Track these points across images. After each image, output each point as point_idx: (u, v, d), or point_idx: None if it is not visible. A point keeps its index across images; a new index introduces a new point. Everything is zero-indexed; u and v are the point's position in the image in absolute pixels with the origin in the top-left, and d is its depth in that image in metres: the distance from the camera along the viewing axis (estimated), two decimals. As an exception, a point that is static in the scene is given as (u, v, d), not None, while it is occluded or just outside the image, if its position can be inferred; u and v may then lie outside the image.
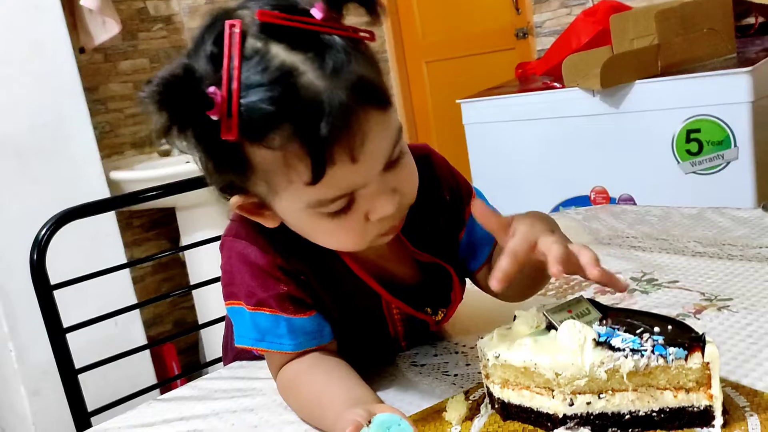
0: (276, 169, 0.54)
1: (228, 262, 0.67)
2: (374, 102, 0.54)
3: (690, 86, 1.82)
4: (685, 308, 0.74)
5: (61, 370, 1.08)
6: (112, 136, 2.37)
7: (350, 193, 0.56)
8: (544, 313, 0.56)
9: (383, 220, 0.59)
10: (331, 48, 0.53)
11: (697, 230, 1.00)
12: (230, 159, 0.55)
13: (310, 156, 0.52)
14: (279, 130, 0.52)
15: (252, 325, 0.66)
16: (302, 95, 0.51)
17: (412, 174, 0.62)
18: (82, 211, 1.12)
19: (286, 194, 0.57)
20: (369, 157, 0.54)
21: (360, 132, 0.53)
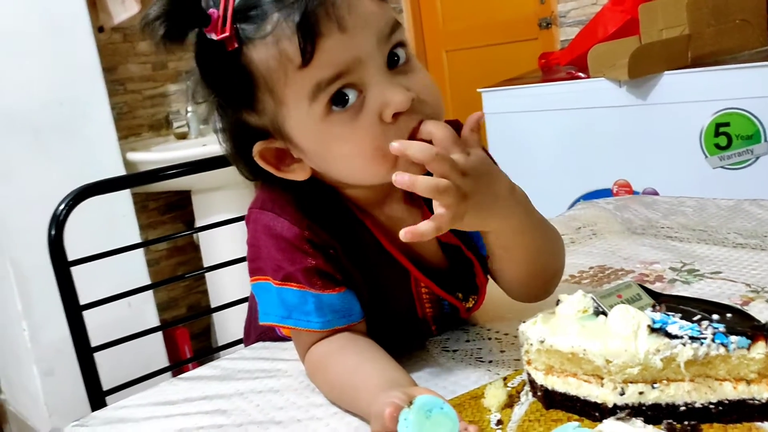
0: (272, 65, 0.55)
1: (254, 235, 0.65)
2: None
3: (720, 78, 1.77)
4: (732, 300, 0.71)
5: (78, 348, 1.06)
6: (129, 117, 2.35)
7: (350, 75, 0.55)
8: (593, 298, 0.53)
9: (401, 119, 0.56)
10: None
11: (736, 222, 0.96)
12: (234, 77, 0.56)
13: (297, 30, 0.53)
14: (268, 18, 0.54)
15: (278, 301, 0.63)
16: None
17: (429, 83, 0.60)
18: (101, 187, 1.11)
19: (289, 98, 0.56)
20: (359, 26, 0.54)
21: (345, 1, 0.54)
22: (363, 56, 0.55)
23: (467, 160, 0.55)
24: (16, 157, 1.84)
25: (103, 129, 1.99)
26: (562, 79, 2.12)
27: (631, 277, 0.82)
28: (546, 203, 2.18)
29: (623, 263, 0.87)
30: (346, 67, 0.55)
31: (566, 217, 1.11)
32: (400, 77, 0.57)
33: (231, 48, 0.55)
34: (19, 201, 1.84)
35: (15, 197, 1.84)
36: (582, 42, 2.17)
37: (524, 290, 0.68)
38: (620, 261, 0.88)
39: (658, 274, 0.81)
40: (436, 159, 0.53)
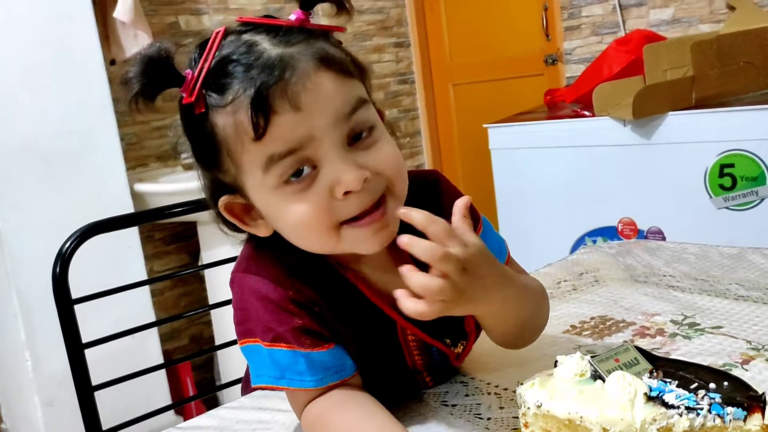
0: (231, 133, 0.57)
1: (240, 298, 0.65)
2: (324, 64, 0.57)
3: (725, 120, 1.78)
4: (732, 357, 0.71)
5: (78, 386, 1.06)
6: (137, 147, 2.37)
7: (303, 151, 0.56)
8: (590, 361, 0.53)
9: (352, 196, 0.57)
10: (292, 31, 0.58)
11: (739, 272, 0.96)
12: (199, 137, 0.59)
13: (251, 105, 0.55)
14: (230, 88, 0.56)
15: (270, 363, 0.63)
16: (252, 57, 0.56)
17: (389, 156, 0.60)
18: (107, 226, 1.11)
19: (245, 164, 0.58)
20: (314, 105, 0.56)
21: (302, 81, 0.55)
22: (317, 134, 0.56)
23: (467, 253, 0.55)
24: (27, 187, 1.86)
25: (112, 160, 2.01)
26: (567, 116, 2.13)
27: (632, 330, 0.81)
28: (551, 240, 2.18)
29: (625, 314, 0.87)
30: (299, 144, 0.56)
31: (569, 262, 1.11)
32: (359, 153, 0.58)
33: (198, 111, 0.57)
34: (28, 231, 1.86)
35: (24, 227, 1.86)
36: (587, 80, 2.19)
37: (509, 342, 0.69)
38: (622, 311, 0.88)
39: (659, 327, 0.81)
40: (441, 260, 0.53)
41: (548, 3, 2.73)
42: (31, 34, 1.85)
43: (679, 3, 2.37)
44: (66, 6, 1.91)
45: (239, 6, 2.58)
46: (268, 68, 0.55)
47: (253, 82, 0.55)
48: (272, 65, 0.55)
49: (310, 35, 0.58)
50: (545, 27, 2.77)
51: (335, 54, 0.59)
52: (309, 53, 0.57)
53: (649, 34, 2.15)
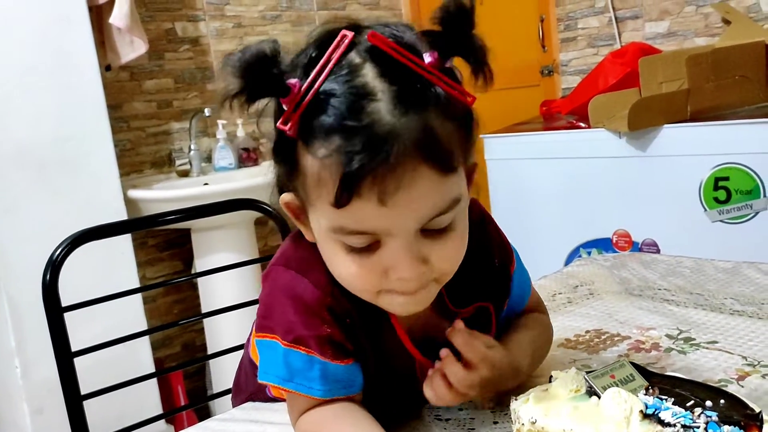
0: (312, 179, 0.54)
1: (270, 293, 0.64)
2: (430, 159, 0.51)
3: (720, 133, 1.79)
4: (728, 373, 0.70)
5: (66, 395, 1.05)
6: (132, 154, 2.36)
7: (374, 235, 0.54)
8: (585, 377, 0.52)
9: (401, 282, 0.56)
10: (419, 92, 0.52)
11: (734, 286, 0.96)
12: (286, 151, 0.56)
13: (340, 178, 0.51)
14: (327, 141, 0.51)
15: (283, 363, 0.62)
16: (362, 119, 0.50)
17: (455, 254, 0.58)
18: (98, 233, 1.10)
19: (316, 207, 0.55)
20: (400, 207, 0.52)
21: (400, 179, 0.50)
22: (394, 231, 0.53)
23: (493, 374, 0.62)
24: (20, 192, 1.85)
25: (105, 165, 1.99)
26: (563, 128, 2.14)
27: (627, 344, 0.81)
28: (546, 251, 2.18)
29: (619, 327, 0.86)
30: (373, 231, 0.54)
31: (564, 274, 1.10)
32: (426, 242, 0.55)
33: (289, 135, 0.53)
34: (19, 236, 1.84)
35: (16, 232, 1.84)
36: (583, 92, 2.19)
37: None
38: (617, 325, 0.87)
39: (654, 341, 0.80)
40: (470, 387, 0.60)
41: (545, 14, 2.74)
42: (26, 38, 1.84)
43: (674, 16, 2.38)
44: (62, 11, 1.90)
45: (236, 13, 2.58)
46: (373, 145, 0.50)
47: (352, 155, 0.50)
48: (379, 143, 0.49)
49: (431, 97, 0.52)
50: (541, 38, 2.78)
51: (445, 139, 0.52)
52: (419, 136, 0.50)
53: (645, 46, 2.15)
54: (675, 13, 2.37)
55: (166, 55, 2.42)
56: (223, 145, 2.42)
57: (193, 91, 2.48)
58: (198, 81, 2.49)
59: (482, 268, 0.67)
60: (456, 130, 0.54)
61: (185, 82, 2.46)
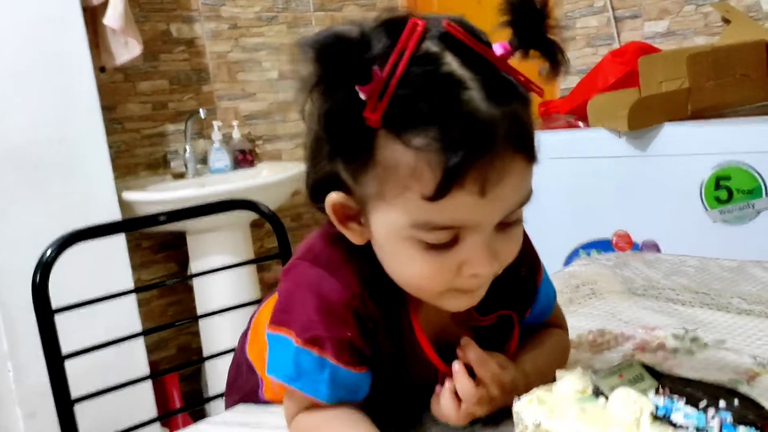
0: (399, 171, 0.51)
1: (292, 289, 0.61)
2: (524, 149, 0.52)
3: (721, 132, 1.77)
4: (737, 373, 0.68)
5: (57, 399, 1.02)
6: (127, 156, 2.34)
7: (457, 230, 0.52)
8: (592, 377, 0.50)
9: (474, 279, 0.55)
10: (502, 81, 0.52)
11: (740, 285, 0.94)
12: (355, 143, 0.52)
13: (443, 168, 0.49)
14: (425, 131, 0.49)
15: (293, 361, 0.59)
16: (461, 108, 0.49)
17: (518, 245, 0.58)
18: (89, 233, 1.08)
19: (395, 202, 0.52)
20: (497, 199, 0.51)
21: (500, 170, 0.50)
22: (484, 224, 0.53)
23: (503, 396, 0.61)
24: (12, 194, 1.82)
25: (99, 167, 1.97)
26: (561, 127, 2.12)
27: (632, 344, 0.79)
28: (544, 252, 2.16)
29: (624, 327, 0.84)
30: (462, 225, 0.52)
31: (565, 274, 1.08)
32: (500, 236, 0.55)
33: (370, 125, 0.50)
34: (12, 238, 1.82)
35: (8, 234, 1.81)
36: (582, 91, 2.18)
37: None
38: (621, 325, 0.85)
39: (660, 341, 0.78)
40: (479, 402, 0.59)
41: (543, 14, 2.72)
42: (18, 39, 1.82)
43: (674, 15, 2.36)
44: (55, 12, 1.88)
45: (231, 15, 2.56)
46: (475, 134, 0.49)
47: (455, 145, 0.48)
48: (480, 135, 0.49)
49: (513, 87, 0.52)
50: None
51: (530, 128, 0.53)
52: (512, 127, 0.50)
53: (645, 46, 2.14)
54: (674, 12, 2.35)
55: (161, 56, 2.39)
56: (219, 147, 2.40)
57: (188, 93, 2.45)
58: (193, 82, 2.47)
59: (508, 275, 0.64)
60: (532, 118, 0.54)
61: (180, 84, 2.44)
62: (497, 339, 0.68)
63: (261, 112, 2.63)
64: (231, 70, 2.56)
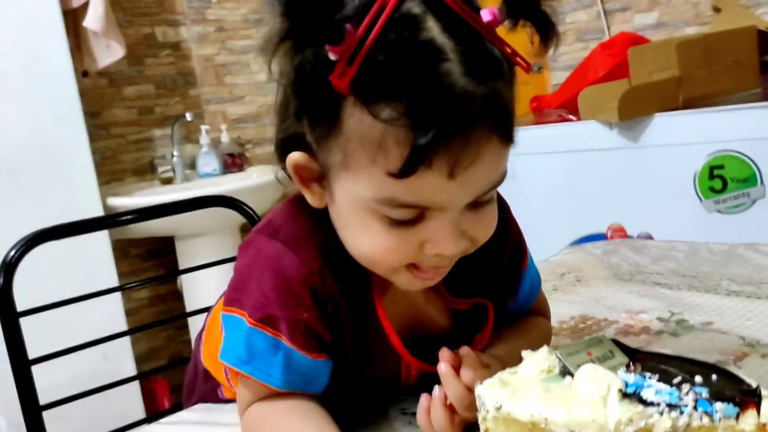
0: (365, 143, 0.47)
1: (248, 263, 0.57)
2: (500, 128, 0.48)
3: (713, 120, 1.73)
4: (724, 354, 0.64)
5: (24, 405, 0.99)
6: (113, 162, 2.30)
7: (424, 208, 0.49)
8: (557, 355, 0.46)
9: (436, 258, 0.51)
10: (486, 54, 0.47)
11: (730, 267, 0.90)
12: (322, 108, 0.48)
13: (411, 146, 0.45)
14: (395, 103, 0.45)
15: (244, 343, 0.55)
16: (436, 81, 0.45)
17: (490, 227, 0.54)
18: (55, 233, 1.05)
19: (359, 174, 0.49)
20: (467, 182, 0.48)
21: (472, 152, 0.46)
22: (449, 207, 0.50)
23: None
24: (-9, 200, 1.79)
25: (82, 173, 1.94)
26: (552, 121, 2.08)
27: (615, 328, 0.75)
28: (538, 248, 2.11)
29: (607, 312, 0.80)
30: (428, 205, 0.49)
31: (551, 263, 1.04)
32: (468, 216, 0.52)
33: (338, 90, 0.46)
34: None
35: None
36: (572, 85, 2.14)
37: None
38: (604, 310, 0.81)
39: (644, 324, 0.74)
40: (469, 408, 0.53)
41: (532, 10, 2.69)
42: (-3, 43, 1.79)
43: (664, 6, 2.33)
44: (34, 15, 1.85)
45: (218, 17, 2.53)
46: (449, 112, 0.45)
47: (427, 121, 0.45)
48: (455, 110, 0.45)
49: (496, 60, 0.48)
50: (530, 35, 2.73)
51: (510, 105, 0.50)
52: (489, 103, 0.47)
53: (634, 36, 2.10)
54: (664, 3, 2.32)
55: (146, 60, 2.36)
56: (207, 151, 2.37)
57: (174, 97, 2.42)
58: (180, 86, 2.44)
59: (490, 259, 0.61)
60: (514, 97, 0.51)
61: (167, 88, 2.41)
62: (474, 326, 0.64)
63: (250, 115, 2.60)
64: (218, 73, 2.53)
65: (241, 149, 2.53)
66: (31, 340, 1.01)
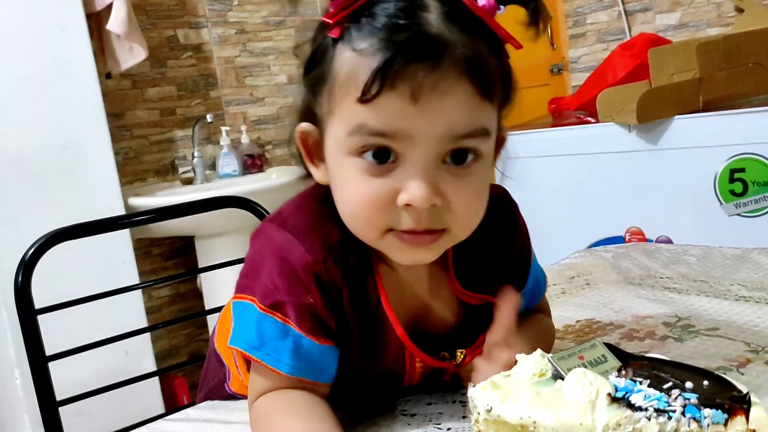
0: (344, 78, 0.52)
1: (259, 252, 0.59)
2: (473, 76, 0.50)
3: (734, 123, 1.71)
4: (727, 360, 0.63)
5: (41, 401, 1.01)
6: (135, 162, 2.34)
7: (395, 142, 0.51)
8: (549, 359, 0.46)
9: (410, 212, 0.52)
10: (470, 19, 0.51)
11: (741, 272, 0.89)
12: (318, 60, 0.54)
13: (375, 68, 0.49)
14: (371, 36, 0.50)
15: (255, 328, 0.57)
16: (412, 20, 0.50)
17: (472, 200, 0.54)
18: (73, 232, 1.07)
19: (337, 112, 0.53)
20: (432, 111, 0.50)
21: (436, 80, 0.49)
22: (416, 137, 0.51)
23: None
24: (17, 201, 1.83)
25: (105, 174, 1.97)
26: (571, 123, 2.07)
27: (619, 333, 0.74)
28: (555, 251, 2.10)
29: (614, 316, 0.80)
30: (394, 133, 0.51)
31: (561, 266, 1.04)
32: (446, 177, 0.52)
33: (331, 34, 0.52)
34: (17, 245, 1.81)
35: (13, 241, 1.82)
36: (592, 87, 2.13)
37: None
38: (611, 314, 0.81)
39: (649, 329, 0.74)
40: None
41: (552, 11, 2.68)
42: (22, 45, 1.83)
43: (686, 7, 2.30)
44: (59, 18, 1.89)
45: (238, 20, 2.56)
46: (416, 44, 0.49)
47: (392, 48, 0.49)
48: (422, 43, 0.49)
49: (481, 32, 0.51)
50: (550, 36, 2.71)
51: (490, 68, 0.52)
52: (465, 52, 0.50)
53: (654, 37, 2.08)
54: (686, 3, 2.29)
55: (168, 62, 2.40)
56: (227, 152, 2.39)
57: (196, 99, 2.45)
58: (201, 88, 2.47)
59: (501, 251, 0.62)
60: (500, 71, 0.53)
61: (188, 90, 2.44)
62: (480, 324, 0.63)
63: (270, 117, 2.62)
64: (239, 75, 2.56)
65: (261, 150, 2.55)
66: (56, 338, 1.04)
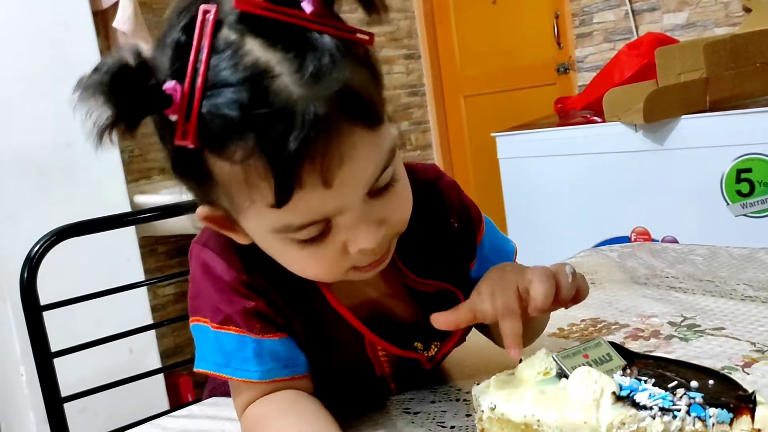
0: (237, 186, 0.46)
1: (193, 272, 0.59)
2: (360, 118, 0.45)
3: (741, 123, 1.70)
4: (732, 360, 0.63)
5: (46, 397, 1.01)
6: (140, 160, 2.35)
7: (324, 221, 0.48)
8: (554, 358, 0.46)
9: (364, 252, 0.50)
10: (316, 49, 0.44)
11: (748, 271, 0.88)
12: (190, 165, 0.47)
13: (274, 175, 0.44)
14: (241, 140, 0.44)
15: (216, 347, 0.57)
16: (272, 101, 0.43)
17: (404, 202, 0.53)
18: (78, 229, 1.07)
19: (250, 214, 0.48)
20: (347, 182, 0.46)
21: (337, 152, 0.44)
22: (345, 207, 0.48)
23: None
24: (21, 199, 1.83)
25: (110, 171, 1.98)
26: (577, 123, 2.06)
27: (624, 332, 0.74)
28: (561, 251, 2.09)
29: (618, 316, 0.79)
30: (323, 217, 0.48)
31: (566, 266, 1.03)
32: (376, 203, 0.50)
33: (190, 148, 0.45)
34: (22, 243, 1.82)
35: (18, 239, 1.82)
36: (598, 86, 2.12)
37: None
38: (616, 313, 0.80)
39: (654, 328, 0.73)
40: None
41: (559, 10, 2.67)
42: (28, 43, 1.84)
43: (693, 6, 2.29)
44: (65, 15, 1.90)
45: (244, 18, 2.56)
46: (297, 126, 0.43)
47: (278, 149, 0.43)
48: (302, 123, 0.43)
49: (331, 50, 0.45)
50: (557, 35, 2.71)
51: (364, 90, 0.46)
52: (338, 98, 0.44)
53: (662, 37, 2.07)
54: (694, 3, 2.28)
55: (174, 61, 2.40)
56: (233, 150, 2.40)
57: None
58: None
59: (438, 230, 0.61)
60: (368, 77, 0.48)
61: (194, 88, 2.44)
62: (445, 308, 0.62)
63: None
64: (244, 73, 2.56)
65: (267, 149, 2.55)
66: (62, 335, 1.04)
